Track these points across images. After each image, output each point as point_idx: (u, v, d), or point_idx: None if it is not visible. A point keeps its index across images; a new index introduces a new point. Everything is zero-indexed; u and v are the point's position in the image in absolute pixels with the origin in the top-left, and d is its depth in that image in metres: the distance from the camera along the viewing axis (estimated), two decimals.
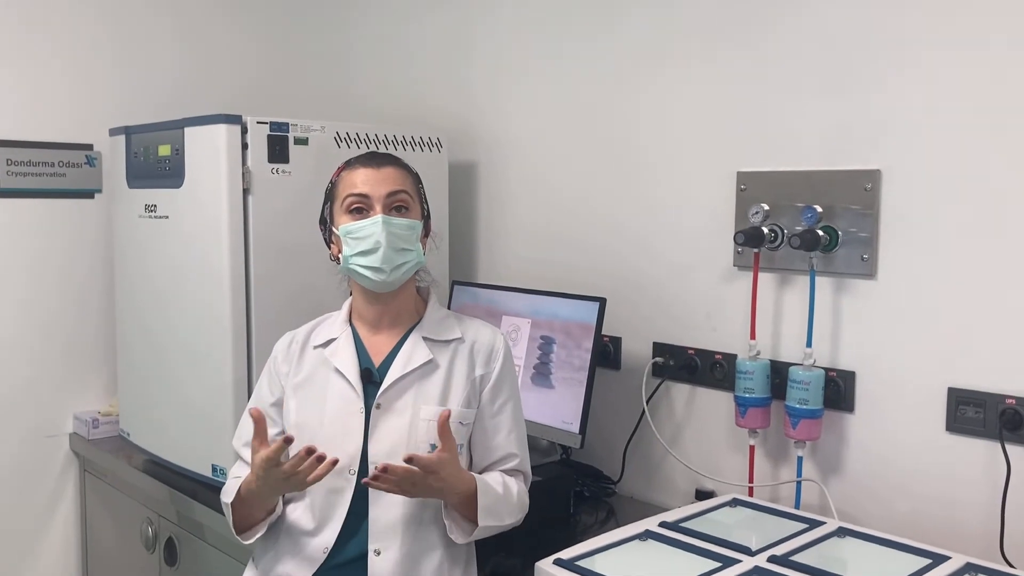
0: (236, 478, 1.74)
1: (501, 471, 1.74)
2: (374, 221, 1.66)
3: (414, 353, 1.71)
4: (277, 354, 1.81)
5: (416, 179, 1.77)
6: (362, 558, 1.64)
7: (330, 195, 1.77)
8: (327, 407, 1.70)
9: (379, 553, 1.63)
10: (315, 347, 1.77)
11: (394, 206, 1.69)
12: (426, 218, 1.77)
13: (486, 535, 1.69)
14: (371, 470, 1.63)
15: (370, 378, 1.70)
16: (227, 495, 1.72)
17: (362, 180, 1.69)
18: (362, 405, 1.68)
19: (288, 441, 1.56)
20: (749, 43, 2.12)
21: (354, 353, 1.73)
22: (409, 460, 1.52)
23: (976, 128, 1.79)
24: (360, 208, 1.68)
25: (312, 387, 1.73)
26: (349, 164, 1.75)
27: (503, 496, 1.68)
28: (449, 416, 1.57)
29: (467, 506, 1.63)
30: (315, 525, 1.67)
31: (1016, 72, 1.74)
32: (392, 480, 1.54)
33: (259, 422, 1.59)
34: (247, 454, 1.75)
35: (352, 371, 1.70)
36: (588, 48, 2.46)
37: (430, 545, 1.66)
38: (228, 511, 1.71)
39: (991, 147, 1.77)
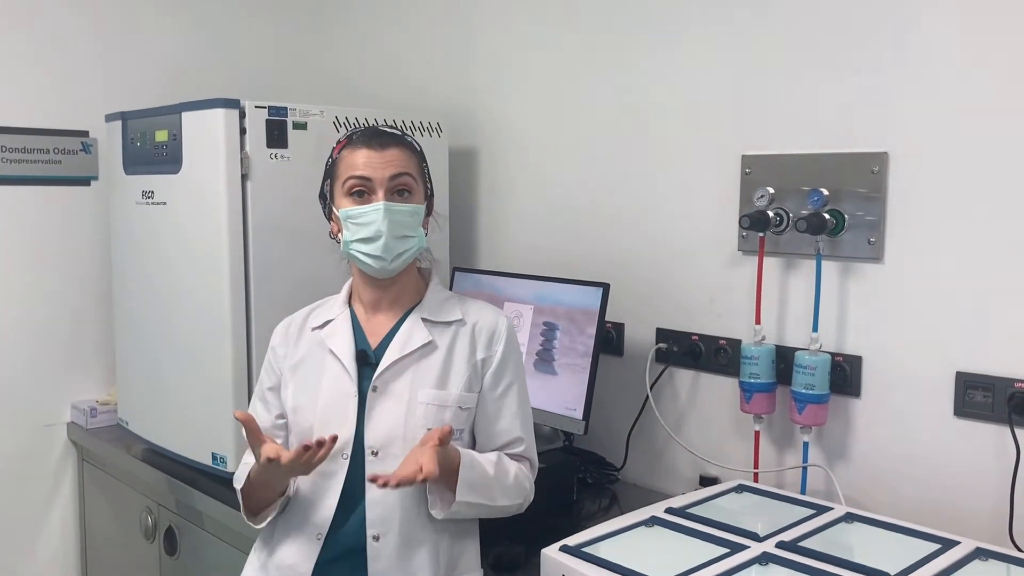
0: (247, 464, 1.72)
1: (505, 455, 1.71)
2: (376, 208, 1.62)
3: (412, 334, 1.68)
4: (275, 339, 1.78)
5: (420, 157, 1.72)
6: (360, 547, 1.61)
7: (330, 172, 1.72)
8: (322, 390, 1.67)
9: (378, 539, 1.61)
10: (313, 329, 1.74)
11: (396, 190, 1.64)
12: (429, 197, 1.73)
13: (472, 514, 1.65)
14: (367, 454, 1.61)
15: (366, 360, 1.67)
16: (238, 481, 1.70)
17: (364, 162, 1.64)
18: (356, 388, 1.65)
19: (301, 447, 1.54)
20: (753, 24, 2.10)
21: (351, 335, 1.70)
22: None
23: (984, 109, 1.77)
24: (361, 191, 1.64)
25: (308, 369, 1.71)
26: (351, 141, 1.69)
27: (493, 476, 1.63)
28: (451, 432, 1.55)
29: (452, 479, 1.60)
30: (308, 509, 1.65)
31: None
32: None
33: (248, 424, 1.56)
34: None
35: (347, 353, 1.67)
36: (590, 32, 2.44)
37: (430, 529, 1.63)
38: (239, 497, 1.69)
39: (1000, 128, 1.75)
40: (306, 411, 1.67)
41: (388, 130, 1.71)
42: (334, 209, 1.69)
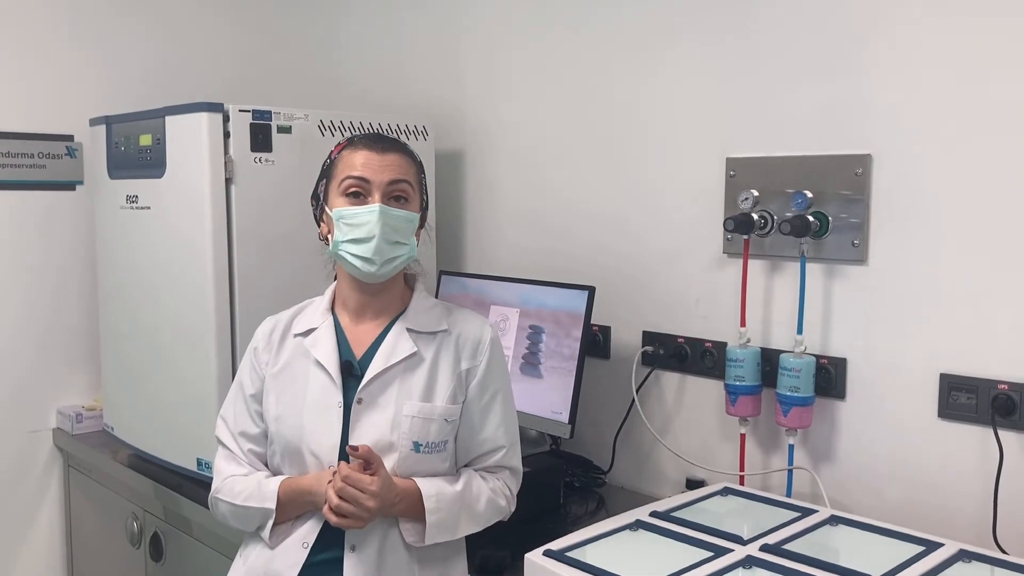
0: (232, 476, 1.68)
1: (484, 468, 1.70)
2: (371, 209, 1.59)
3: (397, 345, 1.66)
4: (259, 341, 1.74)
5: (419, 168, 1.70)
6: (339, 554, 1.60)
7: (327, 172, 1.68)
8: (307, 400, 1.65)
9: (355, 549, 1.60)
10: (295, 335, 1.71)
11: (393, 195, 1.62)
12: (424, 209, 1.71)
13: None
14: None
15: (351, 371, 1.65)
16: (264, 499, 1.63)
17: (363, 163, 1.61)
18: (341, 399, 1.63)
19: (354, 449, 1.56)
20: (738, 28, 2.10)
21: (335, 344, 1.67)
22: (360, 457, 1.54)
23: (967, 111, 1.77)
24: (358, 192, 1.61)
25: (291, 378, 1.68)
26: (352, 143, 1.67)
27: (462, 507, 1.63)
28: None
29: (417, 511, 1.61)
30: (296, 520, 1.64)
31: (1008, 53, 1.72)
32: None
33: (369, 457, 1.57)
34: (244, 446, 1.71)
35: (332, 363, 1.65)
36: (577, 35, 2.44)
37: (406, 542, 1.62)
38: (268, 517, 1.62)
39: (983, 130, 1.76)
40: (289, 421, 1.65)
41: (391, 137, 1.71)
42: (327, 209, 1.66)
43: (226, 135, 2.18)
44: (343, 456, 1.61)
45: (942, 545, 1.60)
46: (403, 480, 1.61)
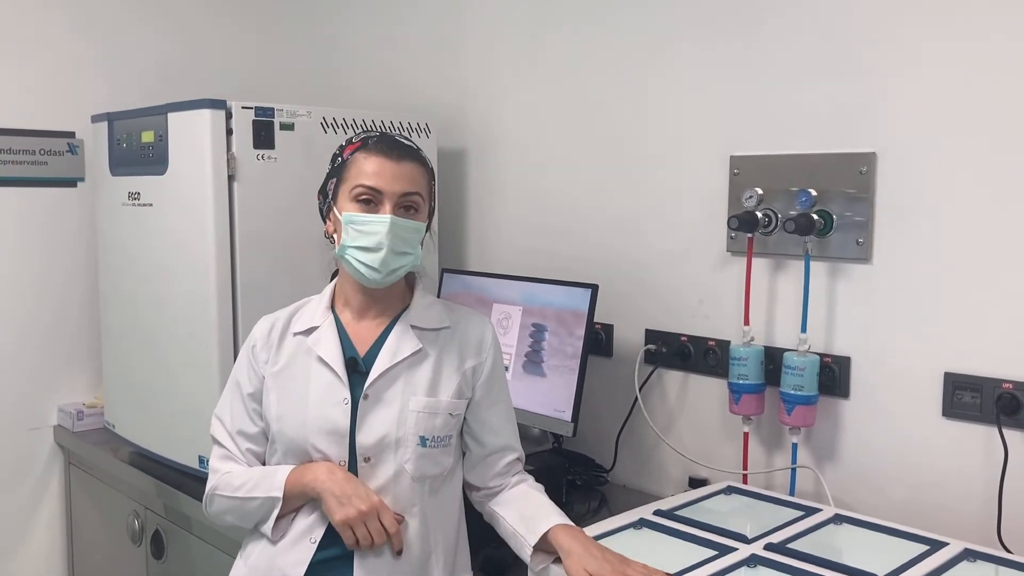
0: (230, 472, 1.69)
1: (504, 465, 1.72)
2: (382, 220, 1.58)
3: (402, 342, 1.66)
4: (256, 340, 1.72)
5: (431, 176, 1.69)
6: (349, 553, 1.60)
7: (338, 171, 1.65)
8: (310, 397, 1.64)
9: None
10: (295, 334, 1.70)
11: (404, 205, 1.61)
12: (430, 215, 1.71)
13: None
14: (360, 461, 1.61)
15: (355, 368, 1.65)
16: (272, 489, 1.62)
17: (376, 171, 1.60)
18: (347, 395, 1.63)
19: None
20: (742, 26, 2.10)
21: (338, 342, 1.67)
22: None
23: (972, 110, 1.77)
24: (369, 200, 1.60)
25: (293, 377, 1.67)
26: (366, 146, 1.63)
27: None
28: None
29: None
30: (304, 516, 1.64)
31: (1011, 52, 1.71)
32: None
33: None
34: (243, 444, 1.71)
35: (337, 360, 1.65)
36: (581, 33, 2.43)
37: (419, 542, 1.63)
38: (276, 505, 1.62)
39: (987, 129, 1.75)
40: (293, 419, 1.64)
41: (405, 142, 1.67)
42: (335, 209, 1.65)
43: (229, 132, 2.18)
44: (352, 452, 1.61)
45: (946, 544, 1.60)
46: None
